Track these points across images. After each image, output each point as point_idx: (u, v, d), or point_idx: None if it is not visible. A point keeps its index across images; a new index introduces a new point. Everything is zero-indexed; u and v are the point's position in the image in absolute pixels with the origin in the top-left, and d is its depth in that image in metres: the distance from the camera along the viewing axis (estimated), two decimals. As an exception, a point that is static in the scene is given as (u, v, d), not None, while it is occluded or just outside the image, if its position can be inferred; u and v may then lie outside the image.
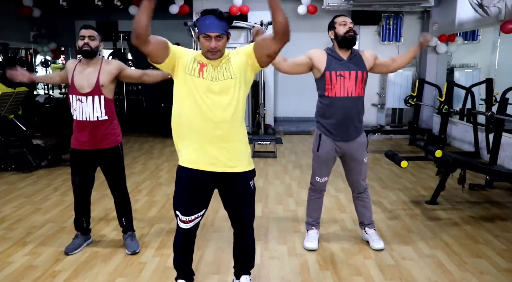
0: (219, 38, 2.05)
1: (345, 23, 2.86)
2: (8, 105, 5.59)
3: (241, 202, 2.30)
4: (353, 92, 2.87)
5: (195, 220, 2.28)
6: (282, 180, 5.12)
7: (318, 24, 8.85)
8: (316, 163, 3.10)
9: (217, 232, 3.46)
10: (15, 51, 10.69)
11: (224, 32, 2.06)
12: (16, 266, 2.89)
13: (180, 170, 2.23)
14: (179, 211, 2.26)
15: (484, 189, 4.59)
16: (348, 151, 3.00)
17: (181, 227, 2.28)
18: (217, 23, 2.04)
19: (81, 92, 2.84)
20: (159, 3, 2.25)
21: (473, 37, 8.20)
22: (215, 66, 2.12)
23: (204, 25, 2.05)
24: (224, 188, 2.28)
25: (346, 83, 2.85)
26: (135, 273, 2.80)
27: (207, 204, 2.31)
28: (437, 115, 7.55)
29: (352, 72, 2.86)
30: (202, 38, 2.07)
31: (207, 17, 2.05)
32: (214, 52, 2.07)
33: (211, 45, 2.04)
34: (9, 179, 5.18)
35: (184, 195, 2.24)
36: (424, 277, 2.74)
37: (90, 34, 2.83)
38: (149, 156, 6.51)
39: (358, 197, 3.21)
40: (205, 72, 2.10)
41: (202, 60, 2.13)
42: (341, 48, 2.90)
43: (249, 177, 2.27)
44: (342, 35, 2.86)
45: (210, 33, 2.03)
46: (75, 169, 3.04)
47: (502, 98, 4.86)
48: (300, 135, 8.46)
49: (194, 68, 2.11)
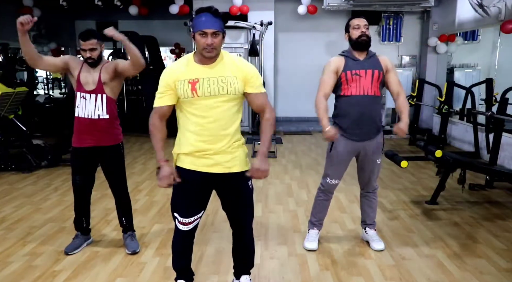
0: (215, 35, 2.02)
1: (358, 27, 2.85)
2: (8, 105, 5.59)
3: (240, 202, 2.30)
4: (369, 91, 2.87)
5: (195, 222, 2.27)
6: (282, 180, 5.12)
7: (318, 24, 8.91)
8: (328, 164, 3.08)
9: (217, 232, 3.46)
10: (15, 51, 10.66)
11: (220, 29, 2.04)
12: (16, 266, 2.89)
13: (178, 171, 2.22)
14: (177, 213, 2.25)
15: (484, 189, 4.59)
16: (363, 150, 2.98)
17: (180, 228, 2.27)
18: (213, 20, 2.02)
19: (86, 90, 2.87)
20: (159, 3, 2.26)
21: (473, 37, 8.21)
22: (213, 78, 2.08)
23: (200, 22, 2.02)
24: (222, 189, 2.28)
25: (362, 81, 2.86)
26: (135, 273, 2.80)
27: (206, 205, 2.31)
28: (437, 115, 7.55)
29: (368, 71, 2.86)
30: (198, 36, 2.03)
31: (202, 15, 2.02)
32: (210, 49, 2.03)
33: (207, 42, 2.01)
34: (9, 179, 5.18)
35: (182, 196, 2.23)
36: (424, 277, 2.74)
37: (91, 46, 2.80)
38: (149, 156, 6.51)
39: (365, 196, 3.21)
40: (199, 90, 2.07)
41: (191, 77, 2.08)
42: (355, 50, 2.91)
43: (247, 177, 2.27)
44: (354, 40, 2.88)
45: (206, 30, 2.01)
46: (76, 168, 3.04)
47: (502, 98, 4.87)
48: (300, 135, 8.46)
49: (185, 90, 2.08)
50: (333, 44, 8.68)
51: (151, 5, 9.15)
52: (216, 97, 2.08)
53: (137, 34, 8.45)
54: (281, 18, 8.83)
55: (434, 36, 8.22)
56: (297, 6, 8.21)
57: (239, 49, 8.54)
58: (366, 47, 2.88)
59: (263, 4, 8.43)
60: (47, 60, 2.88)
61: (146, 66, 3.00)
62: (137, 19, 9.78)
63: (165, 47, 11.70)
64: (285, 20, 8.92)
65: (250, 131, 8.47)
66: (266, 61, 8.53)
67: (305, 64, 8.95)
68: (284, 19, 8.89)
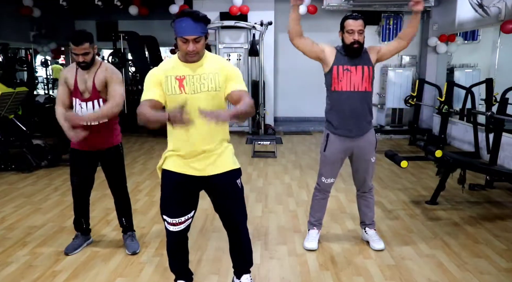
0: (196, 41, 2.02)
1: (352, 32, 2.82)
2: (8, 105, 5.59)
3: (230, 201, 2.29)
4: (359, 87, 2.88)
5: (185, 222, 2.26)
6: (282, 180, 5.12)
7: (318, 24, 8.88)
8: (322, 163, 3.10)
9: (217, 232, 3.45)
10: (15, 51, 10.69)
11: (201, 34, 2.03)
12: (16, 266, 2.89)
13: (165, 174, 2.23)
14: (166, 215, 2.25)
15: (484, 189, 4.58)
16: (357, 149, 3.00)
17: (171, 230, 2.27)
18: (194, 25, 1.99)
19: (82, 98, 2.83)
20: (159, 3, 2.26)
21: (473, 37, 8.20)
22: (196, 76, 2.10)
23: (180, 28, 2.00)
24: (212, 190, 2.28)
25: (352, 77, 2.87)
26: (135, 273, 2.80)
27: (196, 205, 2.31)
28: (437, 115, 7.54)
29: (358, 67, 2.87)
30: (179, 41, 2.04)
31: (183, 20, 1.99)
32: (193, 54, 2.05)
33: (189, 49, 2.02)
34: (9, 179, 5.17)
35: (170, 198, 2.24)
36: (424, 277, 2.74)
37: (83, 51, 2.70)
38: (149, 156, 6.52)
39: (362, 196, 3.21)
40: (186, 86, 2.09)
41: (178, 74, 2.09)
42: (347, 53, 2.91)
43: (235, 176, 2.27)
44: (347, 45, 2.87)
45: (187, 37, 2.00)
46: (75, 169, 3.04)
47: (502, 98, 4.86)
48: (300, 135, 8.46)
49: (173, 86, 2.09)
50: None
51: (151, 5, 9.15)
52: (199, 94, 2.09)
53: (137, 34, 8.46)
54: (281, 18, 8.81)
55: (434, 36, 8.21)
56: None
57: (239, 49, 8.54)
58: (358, 54, 2.88)
59: (263, 4, 8.43)
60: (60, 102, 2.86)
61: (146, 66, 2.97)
62: (137, 19, 9.77)
63: (165, 47, 11.69)
64: (285, 20, 8.82)
65: (250, 131, 8.47)
66: (266, 61, 8.52)
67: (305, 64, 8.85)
68: (284, 19, 8.77)
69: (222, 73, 2.13)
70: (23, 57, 10.82)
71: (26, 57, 10.79)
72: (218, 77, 2.12)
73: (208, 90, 2.10)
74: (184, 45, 2.03)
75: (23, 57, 10.87)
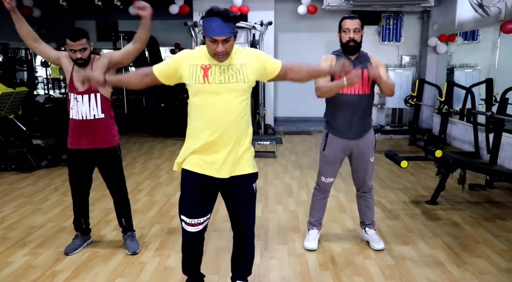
0: (226, 42, 1.97)
1: (348, 31, 2.86)
2: (8, 105, 5.59)
3: (243, 204, 2.28)
4: (359, 90, 2.89)
5: (204, 223, 2.23)
6: (282, 180, 5.12)
7: (318, 24, 8.90)
8: (322, 163, 3.10)
9: (217, 232, 3.46)
10: (15, 51, 10.67)
11: (231, 34, 1.98)
12: (16, 266, 2.89)
13: (185, 174, 2.19)
14: (185, 215, 2.20)
15: (484, 189, 4.59)
16: (356, 149, 3.00)
17: (189, 231, 2.22)
18: (224, 25, 1.93)
19: (78, 91, 2.83)
20: (159, 3, 2.25)
21: (473, 37, 8.21)
22: (223, 67, 2.05)
23: (209, 28, 1.94)
24: (228, 190, 2.26)
25: None
26: (135, 273, 2.80)
27: (212, 207, 2.29)
28: (437, 115, 7.55)
29: (358, 71, 2.86)
30: (208, 41, 1.98)
31: (212, 20, 1.93)
32: (222, 55, 2.00)
33: (218, 50, 1.97)
34: (9, 179, 5.17)
35: (190, 199, 2.20)
36: (424, 277, 2.74)
37: (80, 47, 2.73)
38: (149, 156, 6.51)
39: (361, 196, 3.21)
40: (210, 76, 2.04)
41: (204, 63, 2.06)
42: (345, 52, 2.93)
43: (253, 180, 2.26)
44: (343, 43, 2.91)
45: (216, 37, 1.95)
46: (72, 169, 3.03)
47: (502, 98, 4.86)
48: (300, 135, 8.46)
49: (198, 76, 2.04)
50: (333, 44, 8.57)
51: (151, 5, 9.09)
52: (226, 85, 2.05)
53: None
54: (281, 18, 8.82)
55: (434, 36, 8.22)
56: (297, 6, 8.20)
57: (239, 49, 8.53)
58: (354, 52, 2.91)
59: (263, 4, 8.43)
60: (43, 48, 2.91)
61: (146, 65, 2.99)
62: (137, 19, 9.74)
63: (165, 47, 11.69)
64: (285, 20, 8.91)
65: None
66: (266, 61, 8.52)
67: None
68: (284, 19, 8.88)
69: (254, 63, 2.13)
70: (23, 57, 10.81)
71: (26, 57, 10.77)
72: (246, 67, 2.09)
73: (236, 82, 2.06)
74: (213, 45, 1.97)
75: (23, 57, 10.85)
